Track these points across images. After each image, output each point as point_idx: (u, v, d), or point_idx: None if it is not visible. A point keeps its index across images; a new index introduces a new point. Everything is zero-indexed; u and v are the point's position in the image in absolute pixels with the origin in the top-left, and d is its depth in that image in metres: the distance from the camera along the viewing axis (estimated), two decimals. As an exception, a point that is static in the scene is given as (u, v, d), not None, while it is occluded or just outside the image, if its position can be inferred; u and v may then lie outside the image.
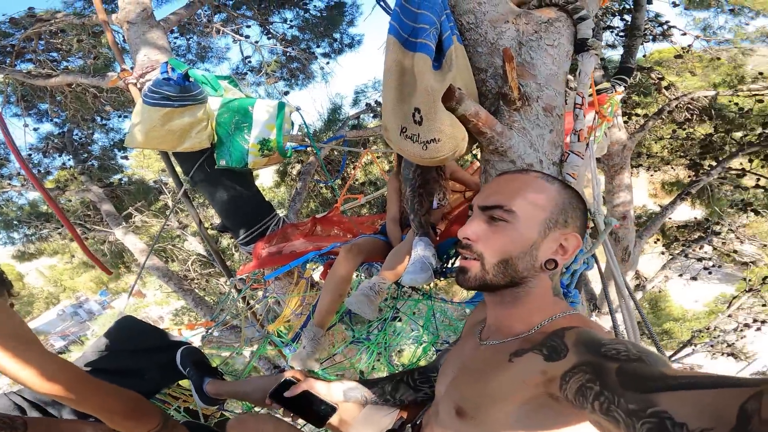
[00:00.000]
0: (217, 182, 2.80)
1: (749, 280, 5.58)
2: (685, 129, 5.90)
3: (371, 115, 5.26)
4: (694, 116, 5.64)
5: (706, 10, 4.74)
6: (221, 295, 6.33)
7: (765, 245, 5.92)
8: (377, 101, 5.15)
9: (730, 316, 5.38)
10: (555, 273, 0.89)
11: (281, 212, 3.51)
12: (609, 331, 0.79)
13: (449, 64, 1.06)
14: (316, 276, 2.70)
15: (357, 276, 2.22)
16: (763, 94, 5.13)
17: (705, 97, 5.45)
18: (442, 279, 1.79)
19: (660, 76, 5.27)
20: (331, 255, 2.35)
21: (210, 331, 2.29)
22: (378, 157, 4.27)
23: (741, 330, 5.30)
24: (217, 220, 6.56)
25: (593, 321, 0.84)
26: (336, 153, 5.02)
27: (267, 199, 3.10)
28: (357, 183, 5.71)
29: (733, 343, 5.46)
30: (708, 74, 5.53)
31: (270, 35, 4.66)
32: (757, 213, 5.76)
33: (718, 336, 5.43)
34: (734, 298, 5.60)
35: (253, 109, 2.57)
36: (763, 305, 5.38)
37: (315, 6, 5.06)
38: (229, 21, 4.44)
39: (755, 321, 5.19)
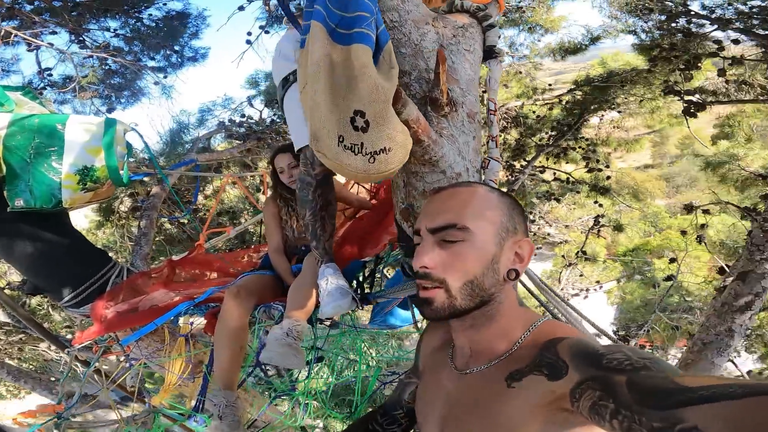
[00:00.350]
0: (14, 231, 2.00)
1: (565, 257, 6.85)
2: (501, 136, 6.95)
3: (224, 135, 4.72)
4: (509, 124, 6.70)
5: (513, 29, 5.65)
6: (47, 362, 4.87)
7: (567, 226, 7.40)
8: (232, 120, 4.65)
9: (562, 289, 6.52)
10: (515, 283, 0.85)
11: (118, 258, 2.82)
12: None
13: (389, 61, 0.93)
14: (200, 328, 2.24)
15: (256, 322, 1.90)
16: (552, 103, 6.40)
17: (515, 107, 6.54)
18: (362, 307, 1.63)
19: (484, 89, 6.07)
20: (211, 303, 1.97)
21: (63, 415, 1.70)
22: (238, 180, 3.81)
23: (569, 300, 6.46)
24: (16, 277, 5.02)
25: (566, 324, 0.83)
26: (185, 181, 4.34)
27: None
28: (208, 213, 5.04)
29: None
30: (512, 87, 6.62)
31: (83, 45, 3.73)
32: (557, 200, 7.13)
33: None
34: (560, 273, 6.81)
35: (64, 128, 1.96)
36: (580, 275, 6.68)
37: (151, 15, 4.33)
38: (24, 27, 3.38)
39: (582, 290, 6.43)
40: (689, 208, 4.76)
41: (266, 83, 5.24)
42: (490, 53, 1.25)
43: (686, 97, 3.65)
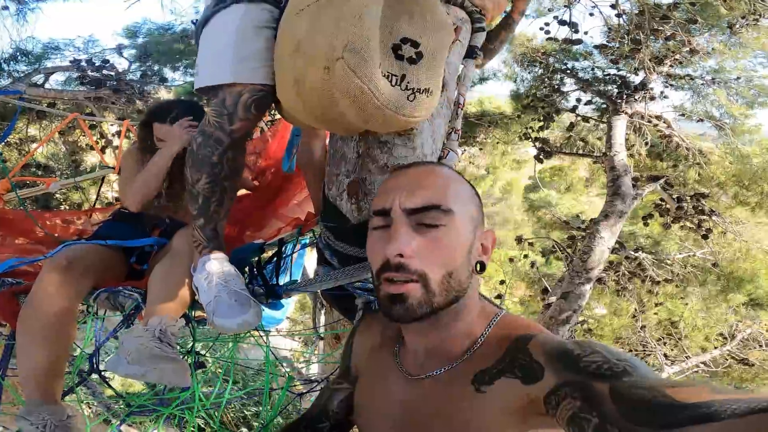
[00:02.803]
0: None
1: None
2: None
3: (76, 75, 3.72)
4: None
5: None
6: None
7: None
8: (91, 61, 3.70)
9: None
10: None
11: None
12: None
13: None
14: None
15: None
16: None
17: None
18: (267, 303, 1.27)
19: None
20: (10, 279, 1.41)
21: None
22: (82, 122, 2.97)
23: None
24: None
25: (524, 318, 0.80)
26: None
27: None
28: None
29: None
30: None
31: None
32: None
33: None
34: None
35: None
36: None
37: None
38: None
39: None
40: (519, 240, 5.72)
41: (146, 39, 4.40)
42: (471, 53, 1.30)
43: (539, 145, 4.40)
